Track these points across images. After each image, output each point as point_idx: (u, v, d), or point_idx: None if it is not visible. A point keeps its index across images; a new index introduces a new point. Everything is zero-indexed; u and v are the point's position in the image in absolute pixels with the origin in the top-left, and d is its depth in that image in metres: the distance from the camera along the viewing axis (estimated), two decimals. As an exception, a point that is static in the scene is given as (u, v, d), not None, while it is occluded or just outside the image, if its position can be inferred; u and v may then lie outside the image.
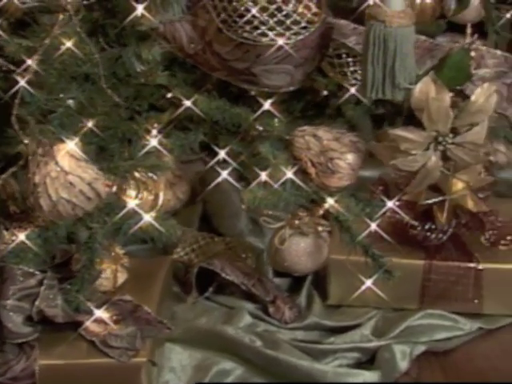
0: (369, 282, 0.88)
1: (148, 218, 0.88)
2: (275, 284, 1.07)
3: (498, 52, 1.05)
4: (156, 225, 0.88)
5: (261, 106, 0.98)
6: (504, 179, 1.46)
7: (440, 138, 0.87)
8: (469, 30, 1.33)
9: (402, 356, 0.90)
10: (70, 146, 0.78)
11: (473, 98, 0.85)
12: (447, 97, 0.83)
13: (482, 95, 0.85)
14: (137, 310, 0.86)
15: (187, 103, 0.97)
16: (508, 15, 1.11)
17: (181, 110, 0.96)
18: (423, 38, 1.03)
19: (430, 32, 1.25)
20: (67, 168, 0.77)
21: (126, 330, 0.82)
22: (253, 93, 1.02)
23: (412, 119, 0.91)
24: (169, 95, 1.01)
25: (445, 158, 0.93)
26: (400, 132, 0.84)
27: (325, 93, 1.09)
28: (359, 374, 0.87)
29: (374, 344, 0.92)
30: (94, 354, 0.80)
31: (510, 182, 1.46)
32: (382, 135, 0.88)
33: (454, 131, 0.91)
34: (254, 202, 0.88)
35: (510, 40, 1.18)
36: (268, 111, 0.98)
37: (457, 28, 1.39)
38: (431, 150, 0.87)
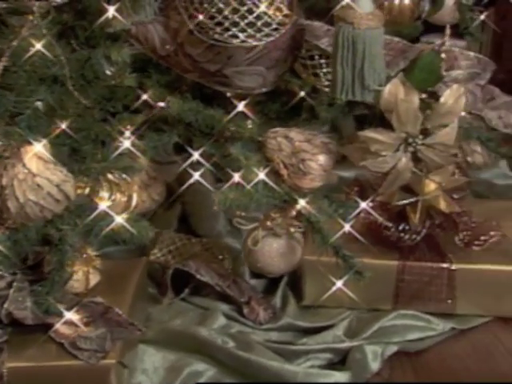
0: (339, 283, 0.89)
1: (120, 219, 0.88)
2: (250, 285, 1.08)
3: (471, 54, 1.06)
4: (128, 226, 0.88)
5: (235, 107, 0.99)
6: (483, 180, 1.48)
7: (410, 140, 0.87)
8: (447, 31, 1.34)
9: (374, 356, 0.90)
10: (38, 149, 0.77)
11: (442, 99, 0.85)
12: (416, 98, 0.83)
13: (451, 97, 0.86)
14: (108, 311, 0.86)
15: (160, 105, 0.98)
16: (482, 17, 1.12)
17: (154, 111, 0.97)
18: (397, 39, 1.04)
19: (406, 33, 1.26)
20: (35, 170, 0.76)
21: (96, 332, 0.82)
22: (228, 94, 1.02)
23: (384, 120, 0.92)
24: (144, 97, 1.02)
25: (417, 159, 0.93)
26: (370, 133, 0.85)
27: (302, 94, 1.09)
28: (330, 375, 0.87)
29: (346, 345, 0.93)
30: (63, 356, 0.80)
31: (488, 182, 1.48)
32: (353, 137, 0.89)
33: (425, 132, 0.91)
34: (226, 203, 0.88)
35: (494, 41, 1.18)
36: (242, 113, 0.98)
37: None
38: (401, 151, 0.87)
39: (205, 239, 1.17)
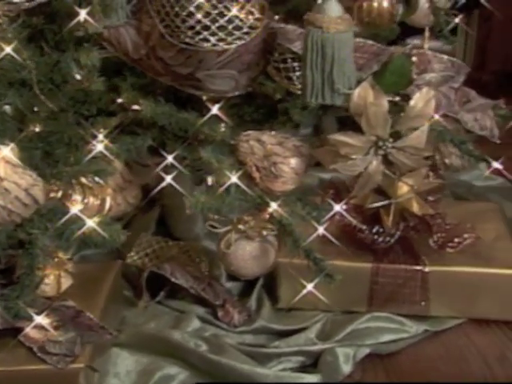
0: (310, 286, 0.89)
1: (91, 223, 0.88)
2: (226, 288, 1.08)
3: (445, 57, 1.06)
4: (99, 230, 0.88)
5: (210, 110, 0.99)
6: (462, 181, 1.49)
7: (380, 143, 0.87)
8: (427, 34, 1.35)
9: (345, 359, 0.91)
10: (6, 153, 0.77)
11: (412, 102, 0.86)
12: (385, 102, 0.84)
13: (420, 100, 0.86)
14: (79, 315, 0.86)
15: (134, 108, 0.98)
16: (457, 20, 1.13)
17: (127, 115, 0.97)
18: (370, 42, 1.04)
19: (383, 36, 1.26)
20: (2, 174, 0.76)
21: (66, 336, 0.81)
22: (204, 97, 1.03)
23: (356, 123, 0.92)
24: (118, 100, 1.02)
25: (389, 162, 0.93)
26: (339, 137, 0.85)
27: (278, 97, 1.09)
28: (300, 378, 0.87)
29: (318, 347, 0.93)
30: (32, 360, 0.79)
31: (468, 184, 1.49)
32: (324, 140, 0.89)
33: (397, 135, 0.92)
34: (197, 206, 0.89)
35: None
36: (216, 116, 0.99)
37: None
38: (371, 154, 0.87)
39: (182, 242, 1.17)
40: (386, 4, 1.31)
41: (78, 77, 0.81)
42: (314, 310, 1.01)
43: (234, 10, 0.88)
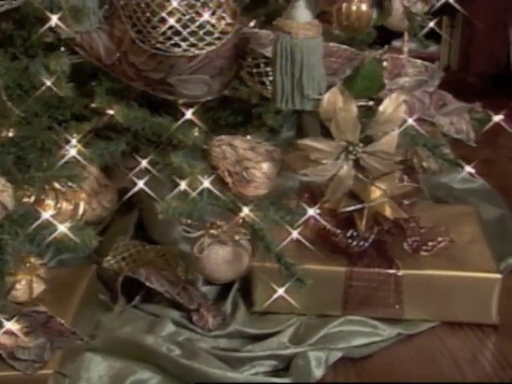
0: (281, 291, 0.90)
1: (63, 228, 0.88)
2: (201, 292, 1.08)
3: (419, 61, 1.07)
4: (70, 235, 0.88)
5: (184, 115, 0.99)
6: (442, 184, 1.49)
7: (351, 148, 0.88)
8: (406, 37, 1.35)
9: (317, 363, 0.91)
10: (-27, 159, 0.78)
11: (381, 108, 0.86)
12: (354, 107, 0.84)
13: (390, 105, 0.87)
14: (50, 321, 0.86)
15: (109, 113, 0.98)
16: (431, 24, 1.13)
17: (100, 119, 0.97)
18: (344, 47, 1.05)
19: (360, 40, 1.27)
20: (-30, 180, 0.76)
21: (35, 342, 0.81)
22: (181, 101, 1.03)
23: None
24: (92, 105, 1.02)
25: (361, 166, 0.94)
26: (309, 142, 0.85)
27: (253, 101, 1.10)
28: (270, 381, 0.88)
29: (291, 351, 0.93)
30: (0, 367, 0.79)
31: (448, 186, 1.50)
32: (296, 144, 0.89)
33: (369, 140, 0.92)
34: (168, 212, 0.89)
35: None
36: (190, 120, 0.99)
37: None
38: (342, 159, 0.88)
39: (159, 246, 1.17)
40: (364, 8, 1.32)
41: (48, 83, 0.81)
42: (289, 314, 1.02)
43: (206, 16, 0.88)
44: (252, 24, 1.04)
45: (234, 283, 1.08)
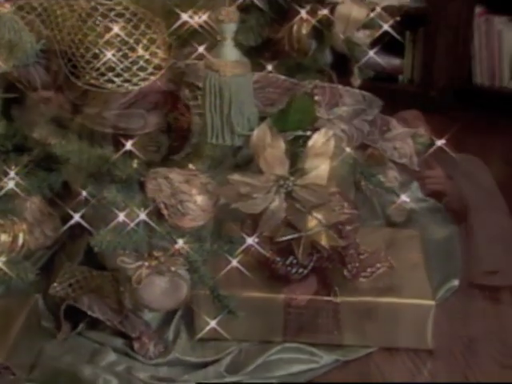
0: (213, 323, 0.91)
1: (-1, 262, 0.89)
2: (144, 320, 1.09)
3: (357, 91, 1.08)
4: (5, 269, 0.89)
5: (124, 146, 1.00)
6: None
7: (281, 181, 0.89)
8: (355, 70, 1.36)
9: (251, 393, 0.93)
10: None
11: (310, 143, 0.88)
12: (282, 144, 0.86)
13: (319, 140, 0.88)
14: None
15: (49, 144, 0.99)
16: (371, 53, 1.15)
17: (39, 151, 0.98)
18: (283, 77, 1.06)
19: (306, 64, 1.28)
20: None
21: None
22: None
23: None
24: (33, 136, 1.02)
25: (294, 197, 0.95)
26: (238, 177, 0.87)
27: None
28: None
29: (227, 380, 0.95)
30: None
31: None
32: (227, 178, 0.91)
33: (302, 171, 0.94)
34: (102, 245, 0.90)
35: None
36: (130, 151, 1.00)
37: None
38: (273, 192, 0.89)
39: (106, 272, 1.18)
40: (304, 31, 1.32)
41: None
42: (231, 341, 1.04)
43: (139, 52, 0.90)
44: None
45: (178, 310, 1.10)
